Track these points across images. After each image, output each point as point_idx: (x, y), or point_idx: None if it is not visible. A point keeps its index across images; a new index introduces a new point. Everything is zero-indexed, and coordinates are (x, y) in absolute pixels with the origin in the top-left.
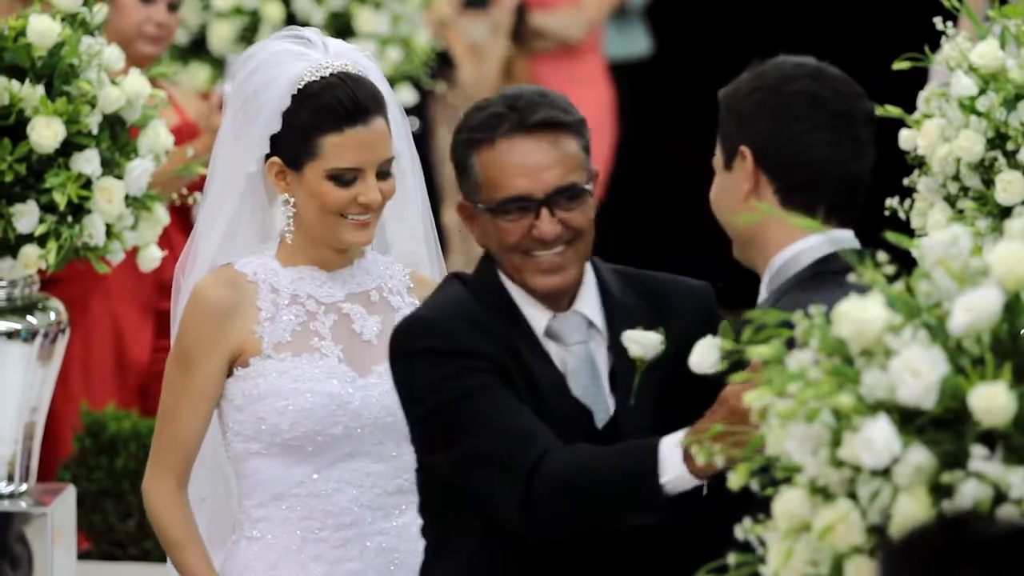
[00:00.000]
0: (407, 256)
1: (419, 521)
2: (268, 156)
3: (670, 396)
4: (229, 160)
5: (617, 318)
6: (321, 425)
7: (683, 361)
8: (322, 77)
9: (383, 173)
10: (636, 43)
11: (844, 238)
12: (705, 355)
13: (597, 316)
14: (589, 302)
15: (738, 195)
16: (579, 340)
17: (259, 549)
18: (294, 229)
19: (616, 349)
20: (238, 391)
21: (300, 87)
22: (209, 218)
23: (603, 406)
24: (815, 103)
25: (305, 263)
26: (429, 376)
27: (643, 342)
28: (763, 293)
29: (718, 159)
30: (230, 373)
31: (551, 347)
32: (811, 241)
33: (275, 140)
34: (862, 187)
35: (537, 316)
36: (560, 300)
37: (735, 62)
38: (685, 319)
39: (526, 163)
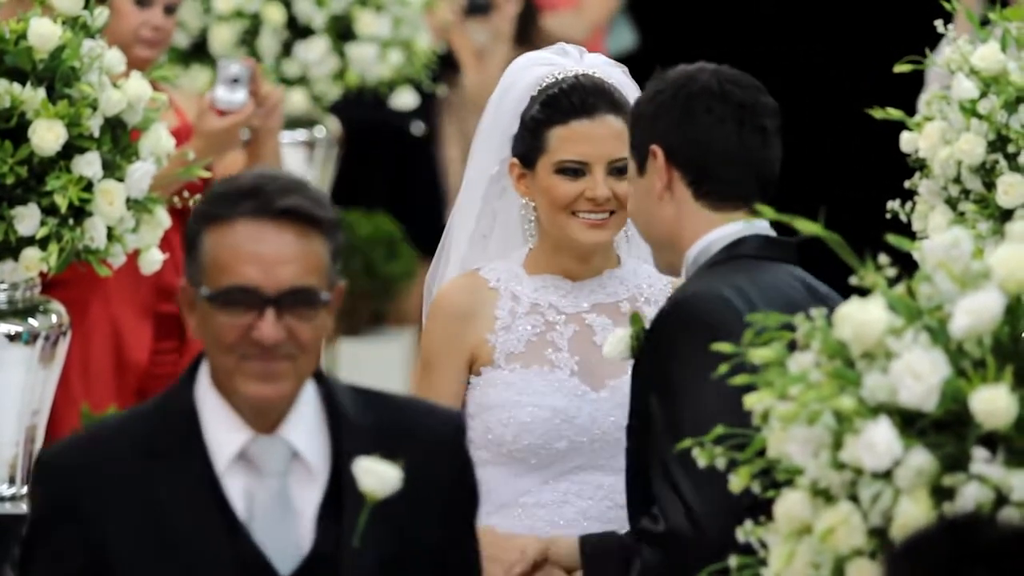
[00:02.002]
0: None
1: None
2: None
3: (398, 544)
4: (477, 163)
5: (346, 444)
6: (543, 439)
7: (418, 505)
8: (563, 78)
9: (616, 171)
10: (622, 38)
11: (759, 227)
12: (617, 345)
13: (308, 445)
14: (301, 428)
15: (654, 195)
16: (275, 471)
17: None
18: (536, 234)
19: (340, 479)
20: (471, 399)
21: (540, 87)
22: (457, 221)
23: (292, 551)
24: (718, 97)
25: (549, 271)
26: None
27: (379, 475)
28: None
29: (631, 170)
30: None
31: (236, 480)
32: (725, 231)
33: (514, 141)
34: (772, 177)
35: (230, 439)
36: (267, 417)
37: (723, 57)
38: (427, 455)
39: (261, 251)
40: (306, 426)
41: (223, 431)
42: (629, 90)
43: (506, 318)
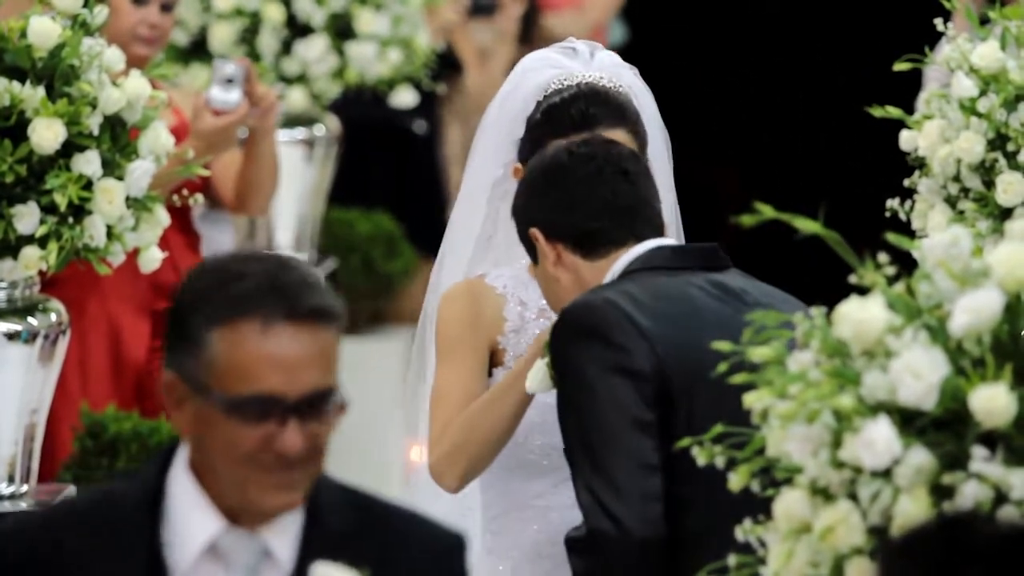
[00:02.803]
0: None
1: None
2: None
3: None
4: (479, 165)
5: (316, 546)
6: (555, 440)
7: None
8: (567, 86)
9: None
10: (612, 33)
11: (659, 243)
12: (537, 375)
13: (282, 545)
14: (280, 527)
15: (551, 275)
16: (243, 568)
17: (493, 561)
18: None
19: None
20: None
21: (545, 94)
22: (458, 223)
23: None
24: (569, 162)
25: None
26: None
27: None
28: None
29: (530, 267)
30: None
31: (201, 573)
32: (622, 260)
33: (520, 146)
34: (655, 212)
35: (203, 527)
36: (256, 519)
37: (719, 56)
38: (414, 572)
39: (286, 356)
40: (286, 526)
41: (195, 521)
42: (638, 91)
43: (516, 321)
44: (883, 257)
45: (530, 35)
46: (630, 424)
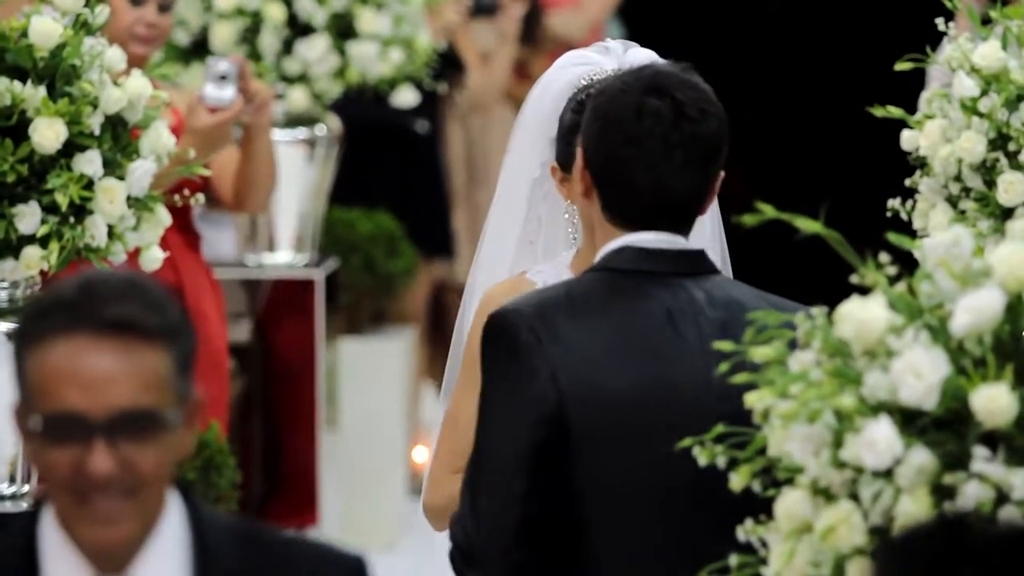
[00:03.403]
0: None
1: None
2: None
3: None
4: (516, 166)
5: None
6: None
7: None
8: (593, 82)
9: None
10: (610, 32)
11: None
12: None
13: None
14: (156, 568)
15: (580, 202)
16: None
17: None
18: (581, 236)
19: None
20: None
21: (574, 90)
22: (496, 225)
23: None
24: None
25: None
26: None
27: None
28: None
29: (571, 261)
30: None
31: None
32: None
33: (555, 145)
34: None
35: None
36: (111, 559)
37: (719, 55)
38: None
39: (82, 370)
40: (163, 567)
41: (63, 572)
42: None
43: None
44: (884, 257)
45: (533, 35)
46: (512, 450)
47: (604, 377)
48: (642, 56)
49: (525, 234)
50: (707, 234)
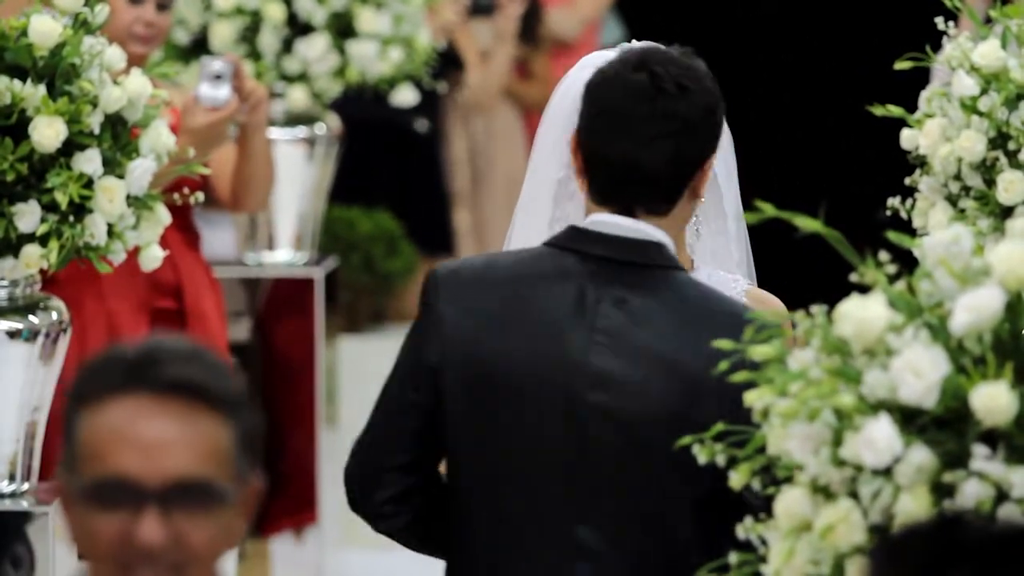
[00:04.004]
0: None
1: None
2: None
3: None
4: (541, 167)
5: None
6: None
7: None
8: None
9: None
10: (609, 32)
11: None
12: None
13: None
14: None
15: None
16: None
17: None
18: None
19: None
20: None
21: None
22: (521, 224)
23: None
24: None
25: None
26: None
27: None
28: None
29: None
30: None
31: None
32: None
33: None
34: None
35: None
36: None
37: (714, 52)
38: None
39: (139, 433)
40: None
41: None
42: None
43: None
44: (884, 255)
45: (533, 34)
46: (397, 398)
47: (484, 346)
48: None
49: (552, 232)
50: (731, 233)
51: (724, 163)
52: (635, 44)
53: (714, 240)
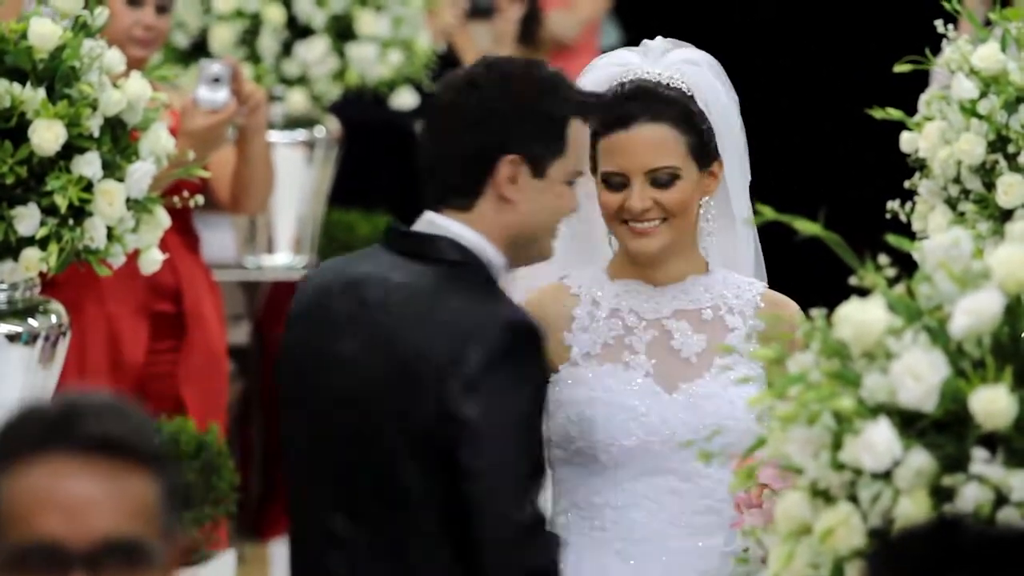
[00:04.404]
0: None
1: (729, 544)
2: None
3: None
4: None
5: None
6: (610, 436)
7: None
8: (619, 84)
9: (657, 181)
10: (606, 35)
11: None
12: None
13: None
14: None
15: None
16: None
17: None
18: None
19: None
20: (550, 397)
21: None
22: None
23: None
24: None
25: (632, 277)
26: None
27: None
28: None
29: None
30: None
31: None
32: None
33: None
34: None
35: None
36: None
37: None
38: None
39: (61, 495)
40: None
41: None
42: (706, 89)
43: (584, 320)
44: (883, 259)
45: (531, 36)
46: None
47: (288, 341)
48: (679, 56)
49: (567, 231)
50: (741, 235)
51: (736, 166)
52: (657, 44)
53: (725, 242)
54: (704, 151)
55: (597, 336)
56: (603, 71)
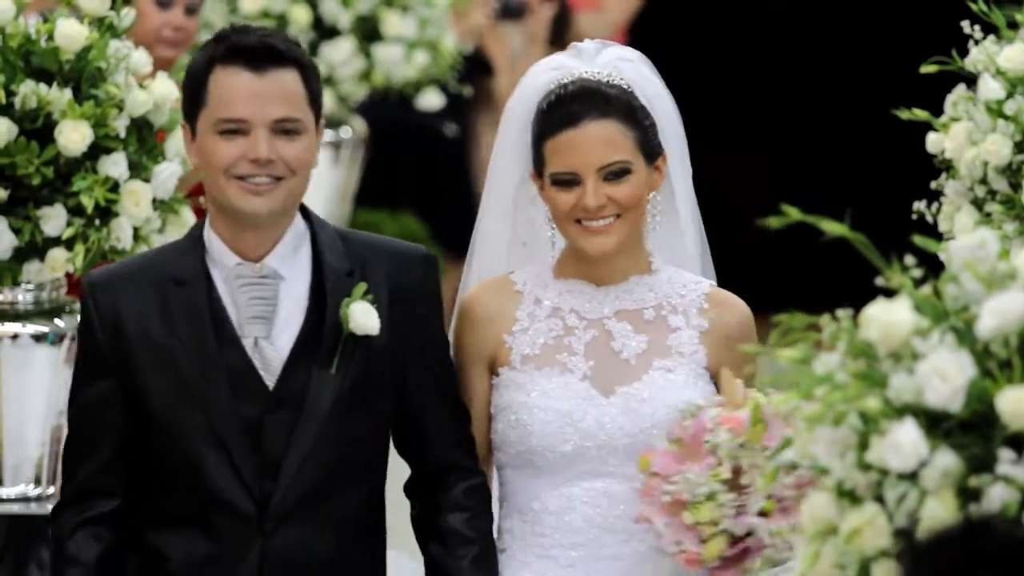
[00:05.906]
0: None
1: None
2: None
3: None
4: (500, 171)
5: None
6: (547, 441)
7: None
8: (558, 86)
9: (610, 176)
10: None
11: None
12: (365, 317)
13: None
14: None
15: None
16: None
17: (502, 560)
18: (561, 240)
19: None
20: (492, 401)
21: (540, 97)
22: (484, 229)
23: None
24: None
25: (575, 276)
26: None
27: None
28: None
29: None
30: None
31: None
32: None
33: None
34: None
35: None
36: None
37: (740, 57)
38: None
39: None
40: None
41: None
42: (643, 83)
43: (525, 321)
44: (910, 259)
45: (562, 37)
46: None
47: None
48: (613, 55)
49: (516, 237)
50: (685, 230)
51: (677, 160)
52: (588, 45)
53: (669, 237)
54: (650, 145)
55: (537, 336)
56: (541, 76)
